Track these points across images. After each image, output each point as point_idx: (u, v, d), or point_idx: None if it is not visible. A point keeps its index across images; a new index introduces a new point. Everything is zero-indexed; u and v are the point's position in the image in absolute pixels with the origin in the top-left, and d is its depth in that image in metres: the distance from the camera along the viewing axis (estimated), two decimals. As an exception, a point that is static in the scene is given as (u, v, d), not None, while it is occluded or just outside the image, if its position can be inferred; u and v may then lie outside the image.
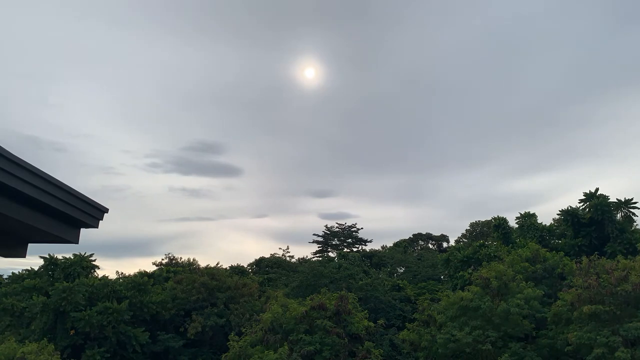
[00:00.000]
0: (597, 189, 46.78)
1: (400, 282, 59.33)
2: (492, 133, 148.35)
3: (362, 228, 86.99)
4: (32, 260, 59.04)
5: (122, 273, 51.70)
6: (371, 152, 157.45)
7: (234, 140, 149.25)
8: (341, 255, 68.32)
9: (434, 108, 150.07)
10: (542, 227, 50.92)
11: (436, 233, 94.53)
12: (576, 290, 29.42)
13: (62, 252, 49.73)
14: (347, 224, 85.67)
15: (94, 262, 49.09)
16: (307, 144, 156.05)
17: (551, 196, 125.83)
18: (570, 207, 47.94)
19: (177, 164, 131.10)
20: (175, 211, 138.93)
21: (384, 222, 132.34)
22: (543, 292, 33.14)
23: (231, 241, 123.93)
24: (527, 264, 37.18)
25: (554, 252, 40.50)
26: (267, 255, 74.99)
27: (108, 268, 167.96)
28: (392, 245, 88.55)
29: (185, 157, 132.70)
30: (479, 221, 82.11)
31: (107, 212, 4.58)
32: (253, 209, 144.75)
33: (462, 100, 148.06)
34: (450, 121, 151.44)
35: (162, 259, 62.28)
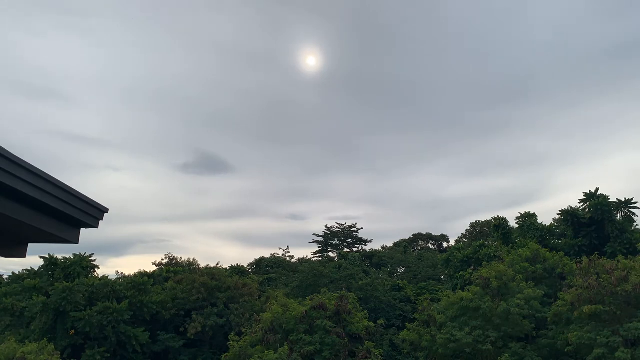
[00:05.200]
0: (597, 189, 46.78)
1: (400, 282, 59.32)
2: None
3: (362, 228, 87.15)
4: (32, 260, 58.99)
5: (122, 273, 51.83)
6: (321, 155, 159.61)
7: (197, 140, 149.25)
8: (341, 256, 68.38)
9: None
10: (542, 227, 50.87)
11: (436, 233, 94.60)
12: (576, 290, 29.39)
13: (62, 252, 49.76)
14: (347, 224, 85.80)
15: (94, 262, 49.09)
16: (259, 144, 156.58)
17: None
18: (572, 206, 47.96)
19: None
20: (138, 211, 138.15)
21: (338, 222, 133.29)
22: (543, 292, 33.12)
23: (200, 243, 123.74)
24: (527, 264, 37.15)
25: (554, 252, 40.45)
26: (248, 260, 74.93)
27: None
28: (392, 245, 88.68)
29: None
30: (478, 221, 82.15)
31: (107, 212, 4.57)
32: (221, 211, 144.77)
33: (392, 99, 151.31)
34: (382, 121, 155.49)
35: (162, 259, 62.39)
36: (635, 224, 45.83)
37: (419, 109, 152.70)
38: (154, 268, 59.52)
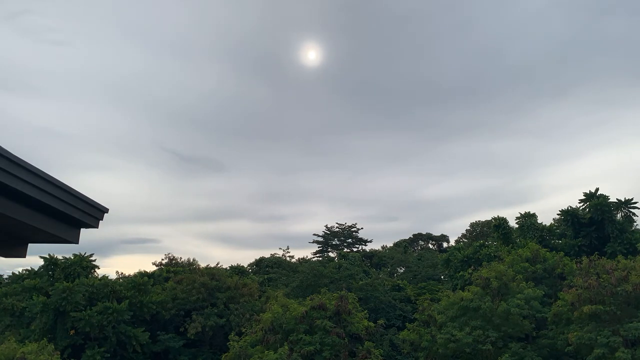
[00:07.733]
0: (597, 189, 46.77)
1: (400, 282, 59.34)
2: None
3: (362, 228, 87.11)
4: (32, 260, 58.98)
5: (122, 273, 51.86)
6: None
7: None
8: (341, 256, 68.36)
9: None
10: (542, 227, 50.88)
11: (436, 233, 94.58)
12: (576, 290, 29.39)
13: (62, 252, 49.72)
14: (347, 224, 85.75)
15: (94, 262, 49.09)
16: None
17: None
18: (571, 207, 47.96)
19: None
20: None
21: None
22: (543, 292, 33.11)
23: (183, 242, 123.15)
24: (527, 264, 37.15)
25: (554, 252, 40.47)
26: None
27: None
28: (392, 245, 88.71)
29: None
30: (478, 221, 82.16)
31: (107, 212, 4.57)
32: (207, 211, 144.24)
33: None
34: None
35: (162, 259, 62.40)
36: (635, 224, 45.86)
37: (394, 109, 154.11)
38: (154, 268, 59.54)
